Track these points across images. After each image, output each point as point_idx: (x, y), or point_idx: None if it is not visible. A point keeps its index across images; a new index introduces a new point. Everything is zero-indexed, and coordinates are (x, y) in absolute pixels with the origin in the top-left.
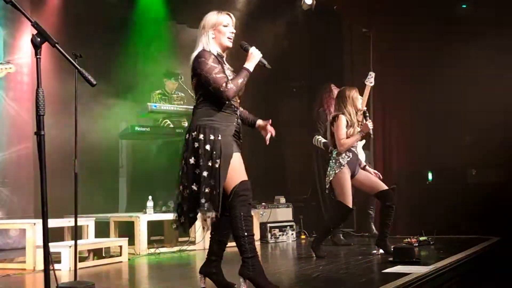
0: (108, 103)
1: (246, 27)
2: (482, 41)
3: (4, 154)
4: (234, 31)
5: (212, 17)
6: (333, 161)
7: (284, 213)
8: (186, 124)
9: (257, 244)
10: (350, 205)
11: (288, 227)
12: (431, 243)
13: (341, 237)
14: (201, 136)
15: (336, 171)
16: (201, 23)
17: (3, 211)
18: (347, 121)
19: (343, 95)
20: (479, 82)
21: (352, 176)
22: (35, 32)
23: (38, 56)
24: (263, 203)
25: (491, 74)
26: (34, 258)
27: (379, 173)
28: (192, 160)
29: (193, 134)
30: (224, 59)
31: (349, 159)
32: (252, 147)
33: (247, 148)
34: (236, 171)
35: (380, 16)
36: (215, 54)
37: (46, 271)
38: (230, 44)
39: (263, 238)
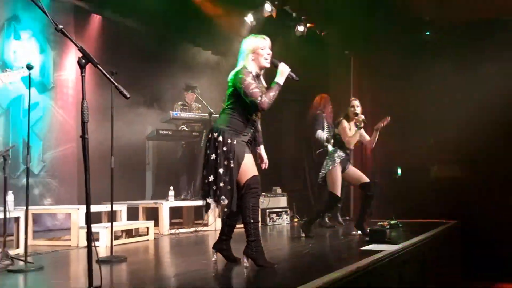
0: (138, 111)
1: None
2: (442, 60)
3: (53, 152)
4: (270, 52)
5: (251, 41)
6: (329, 157)
7: (280, 201)
8: (202, 127)
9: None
10: (339, 195)
11: (283, 212)
12: (400, 226)
13: (327, 220)
14: (220, 138)
15: (330, 167)
16: (241, 47)
17: (52, 199)
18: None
19: (349, 106)
20: (440, 94)
21: (343, 171)
22: (80, 54)
23: (83, 75)
24: (263, 193)
25: (450, 87)
26: (77, 237)
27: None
28: (213, 156)
29: (214, 134)
30: (261, 77)
31: (341, 158)
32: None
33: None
34: (249, 167)
35: (360, 40)
36: (253, 73)
37: (89, 247)
38: (267, 65)
39: (263, 221)
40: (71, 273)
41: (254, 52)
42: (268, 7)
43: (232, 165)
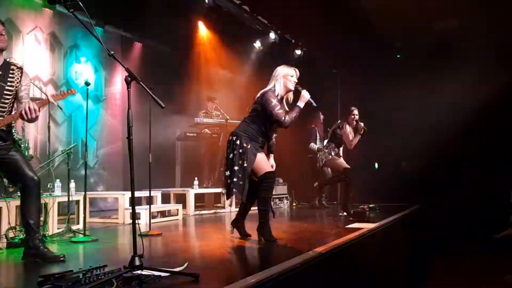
0: (170, 117)
1: (259, 65)
2: (410, 77)
3: (104, 150)
4: (296, 80)
5: (284, 69)
6: (327, 151)
7: (282, 189)
8: (220, 130)
9: None
10: (347, 166)
11: (284, 198)
12: (377, 209)
13: (323, 202)
14: (238, 142)
15: (329, 158)
16: (274, 72)
17: (104, 186)
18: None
19: (349, 113)
20: (410, 105)
21: None
22: (126, 74)
23: (129, 89)
24: None
25: (415, 99)
26: (123, 216)
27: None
28: (231, 156)
29: (233, 138)
30: (284, 99)
31: (336, 152)
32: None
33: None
34: (263, 164)
35: (345, 60)
36: (278, 95)
37: (133, 224)
38: (292, 88)
39: None
40: (119, 244)
41: (285, 77)
42: (272, 35)
43: (245, 165)
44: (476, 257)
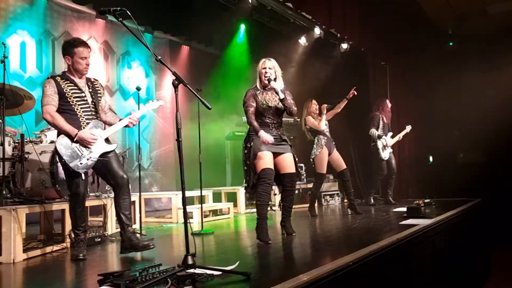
0: (218, 118)
1: (305, 61)
2: (465, 67)
3: (157, 151)
4: (268, 71)
5: (259, 64)
6: (317, 144)
7: (332, 186)
8: None
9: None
10: (324, 172)
11: (335, 195)
12: (433, 204)
13: (371, 200)
14: (244, 144)
15: (318, 152)
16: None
17: (158, 187)
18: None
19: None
20: (463, 96)
21: (329, 154)
22: (174, 77)
23: (176, 92)
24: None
25: (472, 90)
26: (177, 215)
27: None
28: (243, 158)
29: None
30: (273, 90)
31: (325, 141)
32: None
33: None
34: (262, 162)
35: (394, 53)
36: (256, 89)
37: (185, 224)
38: (266, 82)
39: (319, 202)
40: (173, 243)
41: (259, 71)
42: (317, 30)
43: (248, 162)
44: None
